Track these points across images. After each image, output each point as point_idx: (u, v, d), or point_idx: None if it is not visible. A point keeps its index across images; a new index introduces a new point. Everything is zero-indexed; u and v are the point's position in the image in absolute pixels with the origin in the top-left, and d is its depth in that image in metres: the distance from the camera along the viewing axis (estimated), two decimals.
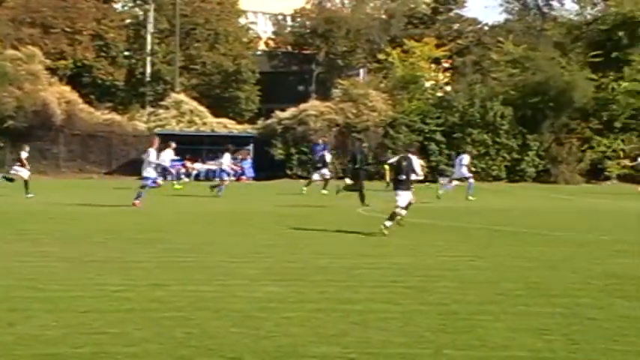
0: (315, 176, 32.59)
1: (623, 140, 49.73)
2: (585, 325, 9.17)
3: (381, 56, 54.78)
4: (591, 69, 49.95)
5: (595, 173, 49.15)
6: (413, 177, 18.96)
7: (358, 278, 12.16)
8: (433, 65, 55.51)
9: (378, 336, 8.53)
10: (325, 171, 32.62)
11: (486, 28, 65.04)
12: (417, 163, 19.79)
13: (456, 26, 63.91)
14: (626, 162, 47.05)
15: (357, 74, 58.95)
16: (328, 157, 34.05)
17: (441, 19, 64.00)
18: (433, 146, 48.42)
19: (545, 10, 60.81)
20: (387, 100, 50.69)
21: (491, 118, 49.09)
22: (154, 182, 26.32)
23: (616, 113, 49.91)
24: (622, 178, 47.86)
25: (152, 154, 26.02)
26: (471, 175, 31.59)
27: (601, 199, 31.11)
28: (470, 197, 30.13)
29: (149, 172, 25.87)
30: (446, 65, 59.39)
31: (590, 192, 38.83)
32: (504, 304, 10.27)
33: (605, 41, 51.50)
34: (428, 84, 54.25)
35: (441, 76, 56.64)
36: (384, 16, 62.47)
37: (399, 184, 18.63)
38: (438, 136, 49.12)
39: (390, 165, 19.26)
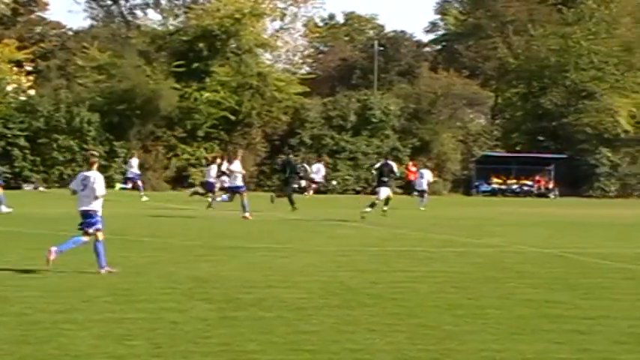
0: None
1: (205, 149, 51.58)
2: (168, 328, 9.38)
3: None
4: (175, 78, 51.22)
5: (180, 180, 50.47)
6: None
7: None
8: (15, 68, 53.68)
9: None
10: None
11: (71, 32, 64.13)
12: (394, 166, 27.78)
13: (38, 29, 62.22)
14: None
15: None
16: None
17: (22, 21, 61.95)
18: (17, 152, 46.95)
19: (129, 18, 61.24)
20: None
21: (78, 124, 48.53)
22: None
23: (199, 122, 51.62)
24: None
25: None
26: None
27: (188, 206, 32.05)
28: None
29: None
30: (29, 68, 57.60)
31: (175, 199, 39.84)
32: (89, 312, 10.20)
33: (187, 52, 53.04)
34: (10, 87, 52.31)
35: (23, 79, 54.87)
36: None
37: (381, 183, 26.44)
38: (22, 142, 47.69)
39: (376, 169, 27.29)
